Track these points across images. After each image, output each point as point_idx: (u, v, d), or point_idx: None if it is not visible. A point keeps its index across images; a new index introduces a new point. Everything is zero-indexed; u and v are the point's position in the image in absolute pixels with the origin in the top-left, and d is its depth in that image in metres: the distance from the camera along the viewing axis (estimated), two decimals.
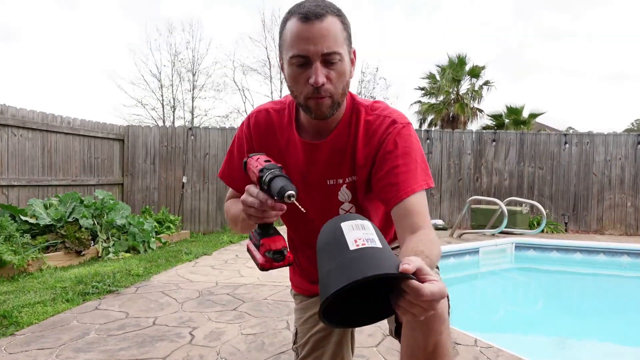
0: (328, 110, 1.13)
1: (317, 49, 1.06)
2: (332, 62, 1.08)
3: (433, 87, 17.70)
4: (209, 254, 5.23)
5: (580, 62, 56.37)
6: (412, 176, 1.13)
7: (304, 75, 1.09)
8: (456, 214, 7.91)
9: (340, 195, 1.27)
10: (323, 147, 1.23)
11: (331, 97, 1.11)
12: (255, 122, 1.31)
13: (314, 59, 1.07)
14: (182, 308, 3.09)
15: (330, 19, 1.07)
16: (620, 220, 7.75)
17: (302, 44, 1.06)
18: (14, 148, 5.51)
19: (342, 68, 1.10)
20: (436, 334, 1.02)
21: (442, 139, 8.11)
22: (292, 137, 1.26)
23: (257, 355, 2.29)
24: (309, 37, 1.05)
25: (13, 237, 4.30)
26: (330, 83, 1.09)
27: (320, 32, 1.05)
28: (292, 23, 1.08)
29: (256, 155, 1.16)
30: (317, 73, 1.06)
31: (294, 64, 1.09)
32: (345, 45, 1.10)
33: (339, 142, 1.22)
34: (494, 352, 2.34)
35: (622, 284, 5.48)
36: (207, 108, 27.82)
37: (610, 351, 3.21)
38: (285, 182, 1.01)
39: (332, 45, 1.06)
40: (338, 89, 1.12)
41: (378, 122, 1.20)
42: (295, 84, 1.12)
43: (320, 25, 1.05)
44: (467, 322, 2.60)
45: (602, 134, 7.83)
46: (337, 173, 1.25)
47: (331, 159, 1.24)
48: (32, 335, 2.53)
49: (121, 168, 7.79)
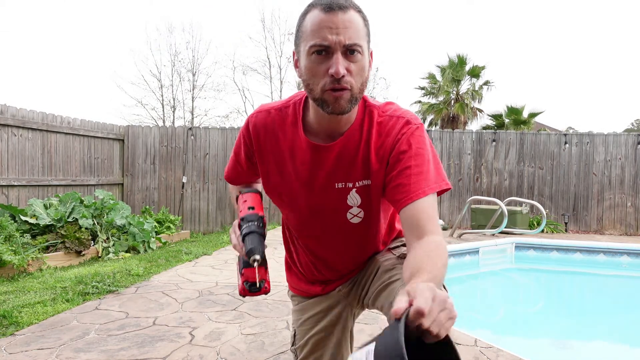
0: (346, 104, 1.08)
1: (340, 38, 1.03)
2: (353, 55, 1.05)
3: (433, 87, 17.70)
4: (209, 254, 5.23)
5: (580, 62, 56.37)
6: (424, 178, 1.10)
7: (323, 66, 1.05)
8: (456, 214, 7.91)
9: (349, 200, 1.23)
10: (333, 149, 1.18)
11: (350, 91, 1.07)
12: (255, 125, 1.26)
13: (336, 49, 1.04)
14: (182, 308, 3.08)
15: (353, 12, 1.05)
16: (620, 220, 7.74)
17: (325, 33, 1.03)
18: (14, 148, 5.51)
19: (363, 62, 1.08)
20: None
21: (442, 139, 8.11)
22: (298, 138, 1.21)
23: (257, 355, 2.29)
24: (331, 26, 1.03)
25: (13, 237, 4.30)
26: (350, 75, 1.06)
27: (343, 23, 1.03)
28: (314, 14, 1.06)
29: (246, 194, 1.25)
30: (338, 62, 1.03)
31: (313, 53, 1.05)
32: (365, 41, 1.08)
33: (350, 144, 1.18)
34: (494, 352, 2.34)
35: (622, 284, 5.48)
36: (207, 108, 27.85)
37: (610, 351, 3.20)
38: (255, 243, 1.09)
39: (354, 37, 1.04)
40: (357, 83, 1.08)
41: (392, 123, 1.17)
42: (313, 75, 1.08)
43: (344, 16, 1.04)
44: (467, 322, 2.60)
45: (602, 134, 7.83)
46: (347, 176, 1.21)
47: (341, 161, 1.19)
48: (32, 335, 2.53)
49: (121, 168, 7.79)
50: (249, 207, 1.20)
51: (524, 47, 49.20)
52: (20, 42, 31.12)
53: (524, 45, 48.92)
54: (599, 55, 57.31)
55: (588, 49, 56.16)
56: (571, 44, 53.97)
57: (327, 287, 1.44)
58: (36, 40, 31.24)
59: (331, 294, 1.43)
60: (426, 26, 37.65)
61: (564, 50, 54.30)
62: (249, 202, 1.22)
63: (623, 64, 56.67)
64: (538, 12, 50.05)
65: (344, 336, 1.45)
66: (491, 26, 42.98)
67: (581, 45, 55.39)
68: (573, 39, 54.00)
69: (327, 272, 1.43)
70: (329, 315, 1.43)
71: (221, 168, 7.94)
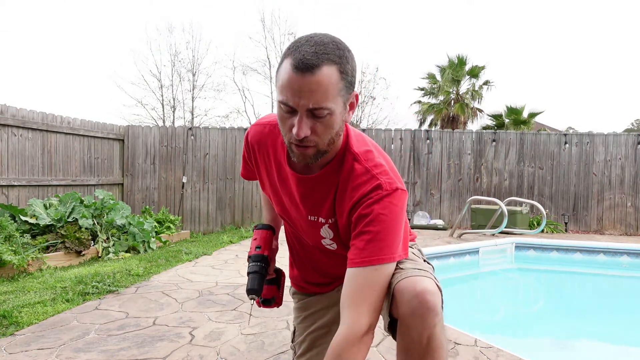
0: (311, 159, 1.11)
1: (304, 102, 1.02)
2: (319, 117, 1.04)
3: (433, 87, 17.70)
4: (209, 254, 5.23)
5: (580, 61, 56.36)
6: (378, 247, 1.09)
7: (289, 122, 1.06)
8: (456, 214, 7.91)
9: (322, 232, 1.25)
10: (309, 184, 1.21)
11: (315, 147, 1.08)
12: (252, 137, 1.34)
13: (300, 111, 1.03)
14: (182, 308, 3.08)
15: (325, 70, 1.01)
16: (620, 220, 7.75)
17: (290, 94, 1.02)
18: (14, 148, 5.51)
19: (330, 121, 1.06)
20: (430, 327, 1.06)
21: (442, 139, 8.11)
22: (283, 163, 1.25)
23: (257, 355, 2.29)
24: (296, 89, 1.01)
25: (13, 237, 4.30)
26: (315, 134, 1.06)
27: (309, 86, 1.00)
28: (286, 67, 1.03)
29: (259, 230, 1.42)
30: (300, 126, 1.03)
31: (281, 107, 1.06)
32: (338, 97, 1.05)
33: (325, 181, 1.20)
34: (494, 352, 2.34)
35: (622, 284, 5.48)
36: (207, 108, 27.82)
37: (610, 351, 3.20)
38: (254, 282, 1.27)
39: (320, 101, 1.02)
40: (324, 140, 1.08)
41: (364, 180, 1.15)
42: (282, 125, 1.09)
43: (312, 78, 1.00)
44: (467, 322, 2.60)
45: (602, 134, 7.83)
46: (318, 211, 1.23)
47: (315, 196, 1.21)
48: (32, 335, 2.53)
49: (121, 168, 7.79)
50: (257, 247, 1.36)
51: (524, 47, 49.23)
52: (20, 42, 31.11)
53: (524, 45, 48.94)
54: (599, 55, 57.33)
55: (588, 48, 56.18)
56: (571, 43, 54.00)
57: (325, 288, 1.48)
58: (36, 40, 31.23)
59: (331, 293, 1.46)
60: (426, 26, 37.67)
61: (564, 50, 54.33)
62: (258, 241, 1.38)
63: (623, 64, 56.69)
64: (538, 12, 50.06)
65: None
66: (491, 26, 43.00)
67: (581, 45, 55.42)
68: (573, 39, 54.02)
69: (320, 277, 1.46)
70: (329, 313, 1.45)
71: (221, 168, 7.94)
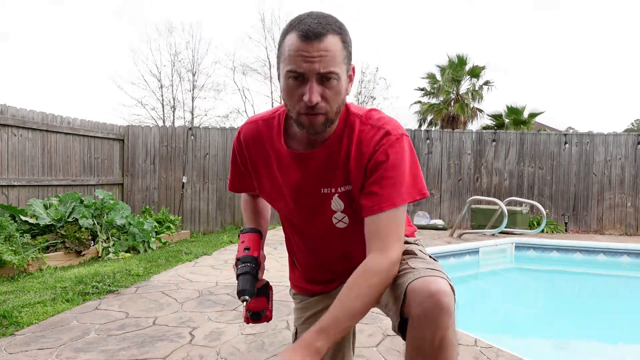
0: (320, 127, 1.13)
1: (314, 67, 1.06)
2: (329, 81, 1.08)
3: (433, 87, 17.70)
4: (209, 254, 5.23)
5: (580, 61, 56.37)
6: (397, 189, 1.14)
7: (298, 91, 1.09)
8: (456, 214, 7.91)
9: (333, 204, 1.26)
10: (315, 156, 1.23)
11: (325, 115, 1.11)
12: (245, 137, 1.33)
13: (310, 77, 1.07)
14: (182, 308, 3.08)
15: (330, 38, 1.07)
16: (620, 220, 7.75)
17: (300, 62, 1.06)
18: (14, 148, 5.51)
19: (339, 87, 1.10)
20: (443, 328, 1.05)
21: (442, 139, 8.11)
22: (282, 149, 1.26)
23: (257, 355, 2.29)
24: (306, 55, 1.05)
25: (13, 237, 4.30)
26: (325, 101, 1.09)
27: (318, 52, 1.05)
28: (292, 38, 1.07)
29: (245, 234, 1.35)
30: (312, 91, 1.07)
31: (290, 77, 1.09)
32: (343, 64, 1.10)
33: (331, 152, 1.22)
34: (494, 352, 2.34)
35: (622, 284, 5.48)
36: (207, 108, 27.86)
37: (610, 351, 3.20)
38: (245, 284, 1.19)
39: (329, 65, 1.06)
40: (333, 107, 1.12)
41: (372, 133, 1.20)
42: (289, 98, 1.12)
43: (319, 45, 1.05)
44: (467, 322, 2.59)
45: (602, 134, 7.83)
46: (329, 182, 1.24)
47: (323, 167, 1.23)
48: (32, 335, 2.53)
49: (121, 168, 7.79)
50: (245, 249, 1.30)
51: (524, 46, 49.24)
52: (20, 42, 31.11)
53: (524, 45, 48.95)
54: (599, 55, 57.34)
55: (588, 48, 56.19)
56: (571, 43, 54.00)
57: (328, 286, 1.46)
58: (36, 40, 31.24)
59: (333, 292, 1.44)
60: (426, 26, 37.68)
61: (564, 50, 54.34)
62: (245, 243, 1.32)
63: (623, 63, 56.69)
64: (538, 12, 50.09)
65: (346, 335, 1.45)
66: (491, 26, 43.00)
67: (581, 45, 55.43)
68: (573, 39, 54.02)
69: (324, 272, 1.44)
70: None
71: (221, 168, 7.94)
